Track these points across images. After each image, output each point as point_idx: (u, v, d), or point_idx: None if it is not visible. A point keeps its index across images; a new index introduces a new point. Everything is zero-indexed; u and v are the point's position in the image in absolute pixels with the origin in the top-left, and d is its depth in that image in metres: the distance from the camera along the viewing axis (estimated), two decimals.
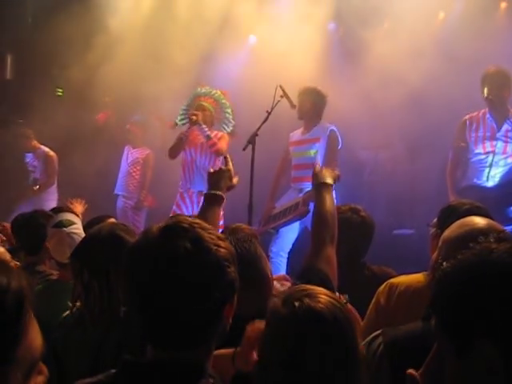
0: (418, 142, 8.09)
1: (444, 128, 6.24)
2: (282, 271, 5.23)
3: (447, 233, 1.88)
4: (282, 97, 5.14)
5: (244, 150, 4.87)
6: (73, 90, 8.02)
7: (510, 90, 4.97)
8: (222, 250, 1.35)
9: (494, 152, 4.94)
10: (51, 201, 7.01)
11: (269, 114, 5.05)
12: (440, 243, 1.89)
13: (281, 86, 5.15)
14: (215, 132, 5.90)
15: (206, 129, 5.72)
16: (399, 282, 2.35)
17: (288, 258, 5.55)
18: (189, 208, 5.77)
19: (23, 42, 7.91)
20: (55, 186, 7.23)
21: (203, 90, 6.09)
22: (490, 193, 4.66)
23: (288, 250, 5.55)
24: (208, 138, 5.70)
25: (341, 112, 8.34)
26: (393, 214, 8.17)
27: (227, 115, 6.02)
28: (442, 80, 8.04)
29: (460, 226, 1.87)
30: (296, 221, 5.17)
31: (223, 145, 5.74)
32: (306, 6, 8.34)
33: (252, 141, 4.82)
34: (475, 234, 1.66)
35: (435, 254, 1.92)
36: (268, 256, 5.37)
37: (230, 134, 5.96)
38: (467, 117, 5.15)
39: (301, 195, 5.24)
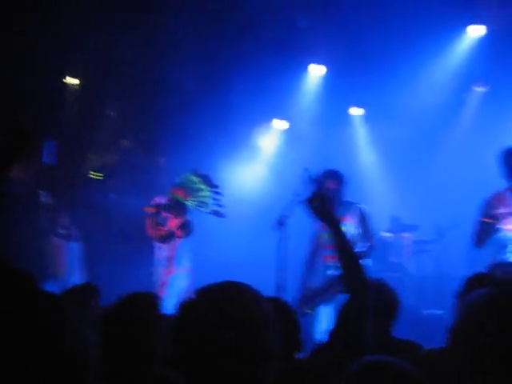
0: (443, 224, 8.20)
1: (469, 206, 6.35)
2: None
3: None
4: (309, 181, 5.33)
5: (274, 230, 5.03)
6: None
7: None
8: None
9: None
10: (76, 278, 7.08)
11: (297, 196, 5.24)
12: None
13: (307, 169, 5.35)
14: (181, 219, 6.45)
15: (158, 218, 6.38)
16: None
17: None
18: None
19: (64, 128, 8.37)
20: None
21: (178, 181, 6.62)
22: None
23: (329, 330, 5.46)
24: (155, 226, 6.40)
25: (368, 193, 8.58)
26: (421, 294, 8.15)
27: (201, 198, 6.50)
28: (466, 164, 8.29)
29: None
30: (334, 296, 5.13)
31: (178, 231, 6.37)
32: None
33: (281, 222, 4.98)
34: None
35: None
36: (313, 338, 5.33)
37: (215, 213, 6.52)
38: (490, 195, 5.26)
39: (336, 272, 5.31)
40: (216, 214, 6.53)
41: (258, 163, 9.91)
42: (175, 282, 6.36)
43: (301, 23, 7.78)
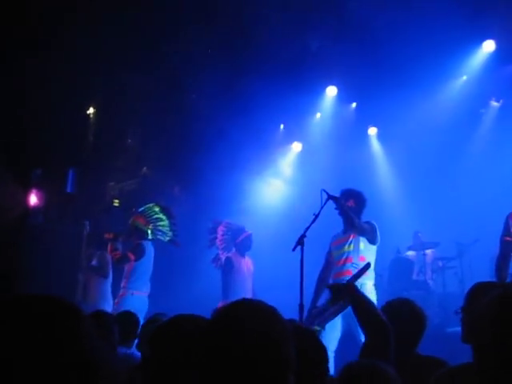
0: (464, 240, 8.14)
1: (490, 222, 6.32)
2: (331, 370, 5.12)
3: None
4: (328, 199, 5.36)
5: (293, 250, 5.04)
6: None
7: None
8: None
9: None
10: (107, 306, 7.15)
11: (316, 216, 5.26)
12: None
13: (324, 190, 5.38)
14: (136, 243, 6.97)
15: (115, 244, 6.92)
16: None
17: (334, 357, 5.44)
18: None
19: (84, 159, 8.52)
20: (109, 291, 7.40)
21: (140, 209, 7.19)
22: None
23: (334, 349, 5.46)
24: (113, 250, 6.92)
25: (387, 212, 8.56)
26: (445, 312, 8.06)
27: (160, 227, 7.14)
28: (484, 179, 8.26)
29: None
30: (341, 311, 5.11)
31: (131, 254, 6.84)
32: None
33: (301, 242, 5.00)
34: None
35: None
36: None
37: (172, 242, 7.21)
38: (511, 211, 5.22)
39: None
40: (173, 242, 7.19)
41: (280, 184, 10.03)
42: (127, 304, 6.50)
43: (313, 46, 7.87)
